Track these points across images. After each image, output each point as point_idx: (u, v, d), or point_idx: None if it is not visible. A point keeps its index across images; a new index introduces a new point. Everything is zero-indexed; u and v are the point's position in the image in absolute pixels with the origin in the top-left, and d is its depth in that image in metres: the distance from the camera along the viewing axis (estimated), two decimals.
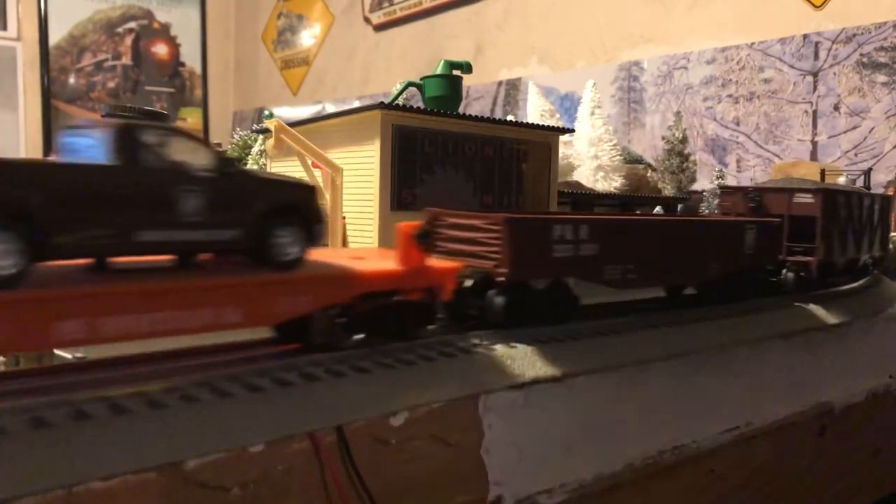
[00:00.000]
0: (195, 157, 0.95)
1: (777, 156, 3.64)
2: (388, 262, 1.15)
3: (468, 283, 1.30)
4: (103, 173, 0.88)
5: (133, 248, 0.92)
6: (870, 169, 2.64)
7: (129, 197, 0.89)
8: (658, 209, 2.64)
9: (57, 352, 1.24)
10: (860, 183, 2.86)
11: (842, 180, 2.57)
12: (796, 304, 1.86)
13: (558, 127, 2.31)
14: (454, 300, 1.22)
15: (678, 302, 1.72)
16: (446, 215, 1.34)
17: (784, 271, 1.91)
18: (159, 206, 0.91)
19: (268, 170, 2.27)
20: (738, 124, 3.81)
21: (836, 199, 1.98)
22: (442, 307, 1.21)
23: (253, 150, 2.72)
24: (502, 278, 1.24)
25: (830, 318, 1.86)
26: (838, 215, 2.00)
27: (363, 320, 1.09)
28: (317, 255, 1.12)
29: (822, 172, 2.58)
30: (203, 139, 1.00)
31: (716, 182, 2.85)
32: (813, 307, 1.87)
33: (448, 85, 2.04)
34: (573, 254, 1.30)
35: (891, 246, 2.52)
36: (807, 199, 1.93)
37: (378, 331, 1.11)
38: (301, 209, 1.04)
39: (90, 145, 0.90)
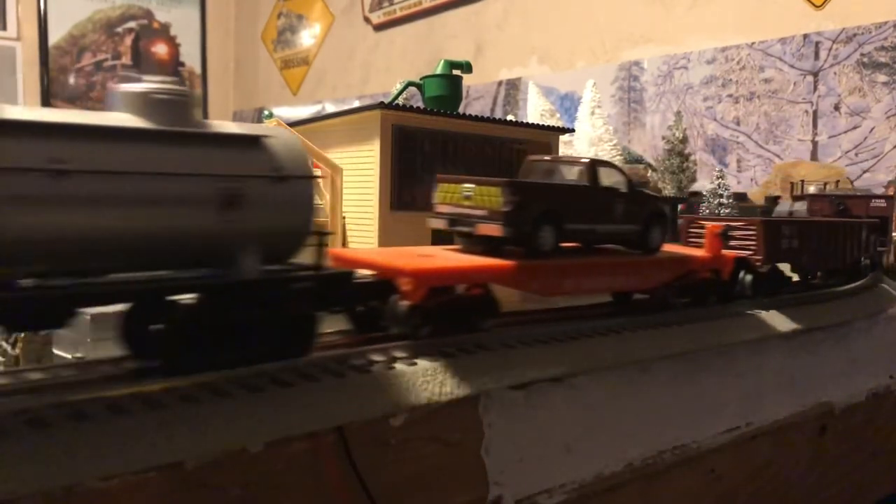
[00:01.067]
0: (618, 180, 1.47)
1: (777, 156, 3.64)
2: (693, 251, 1.66)
3: None
4: (584, 190, 1.42)
5: (594, 236, 1.46)
6: (837, 181, 2.97)
7: (594, 204, 1.42)
8: None
9: (56, 352, 1.24)
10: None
11: (812, 189, 2.83)
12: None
13: (558, 127, 2.31)
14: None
15: (809, 285, 2.12)
16: (714, 220, 1.91)
17: (863, 259, 2.24)
18: (606, 210, 1.43)
19: None
20: (738, 124, 3.81)
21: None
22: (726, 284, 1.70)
23: None
24: (759, 263, 1.76)
25: (830, 318, 1.87)
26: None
27: (681, 291, 1.59)
28: None
29: (802, 183, 2.94)
30: (621, 167, 1.55)
31: (716, 182, 2.85)
32: (812, 308, 1.87)
33: (448, 85, 2.03)
34: (788, 246, 1.85)
35: (891, 246, 2.53)
36: (881, 203, 2.47)
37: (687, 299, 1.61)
38: (663, 213, 1.54)
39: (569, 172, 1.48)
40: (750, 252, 1.77)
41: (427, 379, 1.07)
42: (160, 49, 7.42)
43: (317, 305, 1.04)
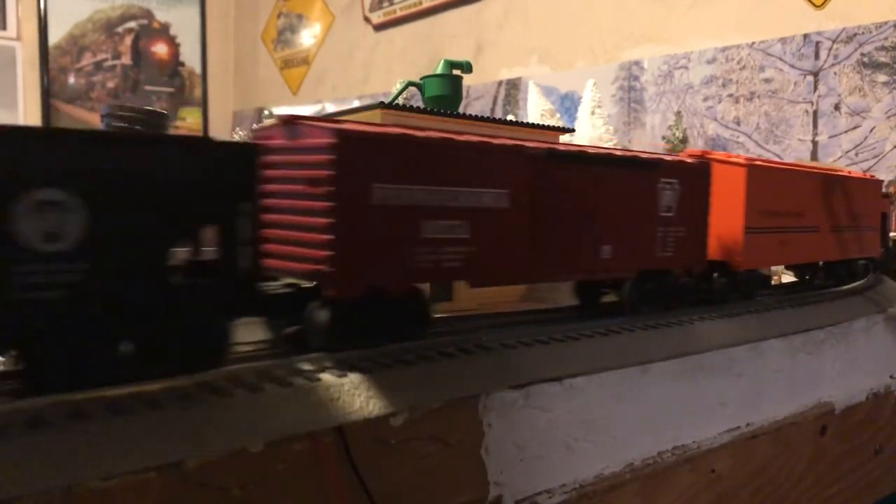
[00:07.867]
0: None
1: (778, 156, 3.64)
2: None
3: None
4: None
5: None
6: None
7: None
8: None
9: None
10: None
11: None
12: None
13: (558, 127, 2.31)
14: None
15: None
16: None
17: None
18: None
19: None
20: (738, 124, 3.80)
21: None
22: None
23: None
24: None
25: (830, 318, 1.87)
26: None
27: None
28: None
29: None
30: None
31: None
32: (812, 308, 1.87)
33: (448, 84, 2.03)
34: None
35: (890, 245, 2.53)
36: None
37: None
38: None
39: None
40: None
41: (427, 379, 1.06)
42: (160, 49, 7.42)
43: None
